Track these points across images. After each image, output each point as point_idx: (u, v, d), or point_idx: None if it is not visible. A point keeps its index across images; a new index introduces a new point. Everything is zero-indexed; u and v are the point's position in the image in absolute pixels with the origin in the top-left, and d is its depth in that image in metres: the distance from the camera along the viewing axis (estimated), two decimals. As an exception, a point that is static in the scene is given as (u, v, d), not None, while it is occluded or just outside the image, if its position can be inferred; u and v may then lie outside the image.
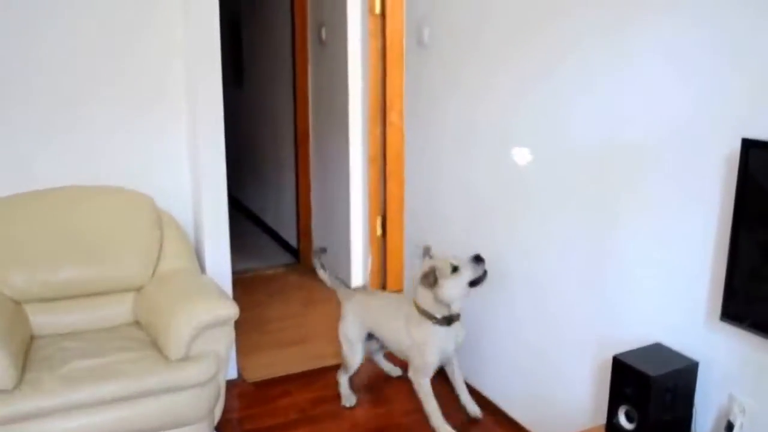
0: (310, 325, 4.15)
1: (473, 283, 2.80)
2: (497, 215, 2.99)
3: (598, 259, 2.49)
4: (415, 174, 3.66)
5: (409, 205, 3.77)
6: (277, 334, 3.99)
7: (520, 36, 2.75)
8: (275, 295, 4.61)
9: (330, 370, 3.50)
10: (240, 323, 2.91)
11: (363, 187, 4.49)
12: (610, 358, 2.18)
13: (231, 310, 2.77)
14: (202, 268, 3.29)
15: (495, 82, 2.93)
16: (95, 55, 3.09)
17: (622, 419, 2.13)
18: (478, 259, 2.80)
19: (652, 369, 2.05)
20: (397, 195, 4.23)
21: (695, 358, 2.12)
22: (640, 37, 2.21)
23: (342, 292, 3.28)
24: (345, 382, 3.26)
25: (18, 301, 2.84)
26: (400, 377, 3.40)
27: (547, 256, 2.74)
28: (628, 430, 2.12)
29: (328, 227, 4.87)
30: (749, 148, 1.82)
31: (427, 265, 2.85)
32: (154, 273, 3.05)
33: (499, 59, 2.89)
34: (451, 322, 2.87)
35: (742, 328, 1.93)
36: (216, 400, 2.80)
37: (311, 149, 5.00)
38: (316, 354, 3.73)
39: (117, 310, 3.01)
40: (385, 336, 3.10)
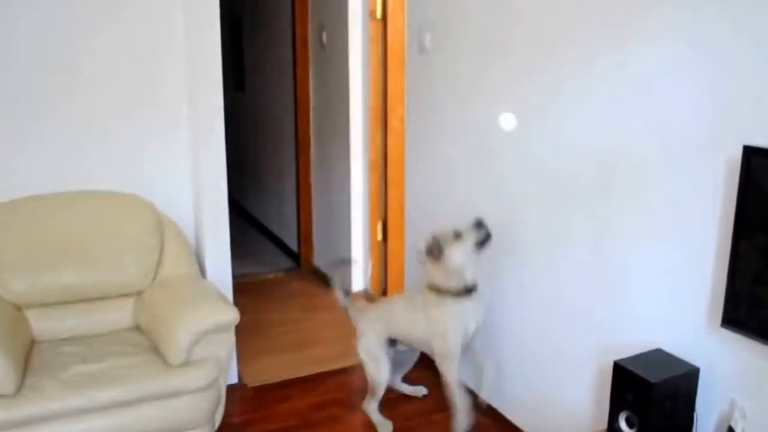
0: (310, 330, 4.14)
1: (479, 245, 2.75)
2: (497, 220, 2.99)
3: (600, 265, 2.49)
4: (416, 179, 3.66)
5: (410, 210, 3.77)
6: (277, 339, 3.98)
7: (521, 43, 2.76)
8: (276, 300, 4.61)
9: (330, 375, 3.50)
10: (240, 328, 2.91)
11: (364, 192, 4.50)
12: (611, 364, 2.18)
13: (231, 315, 2.77)
14: (203, 273, 3.29)
15: (496, 88, 2.94)
16: (95, 58, 3.10)
17: (623, 425, 2.13)
18: (480, 224, 2.76)
19: (653, 375, 2.05)
20: (397, 200, 4.22)
21: (696, 364, 2.12)
22: (641, 44, 2.21)
23: (353, 312, 3.19)
24: (375, 410, 3.08)
25: (19, 306, 2.85)
26: (425, 396, 3.34)
27: (547, 262, 2.75)
28: (629, 436, 2.12)
29: (329, 232, 4.87)
30: (751, 155, 1.83)
31: (429, 239, 2.79)
32: (154, 278, 3.06)
33: (501, 65, 2.89)
34: (469, 292, 2.79)
35: (743, 334, 1.93)
36: (216, 405, 2.80)
37: (312, 153, 5.01)
38: (316, 359, 3.73)
39: (117, 315, 3.01)
40: (407, 331, 2.97)
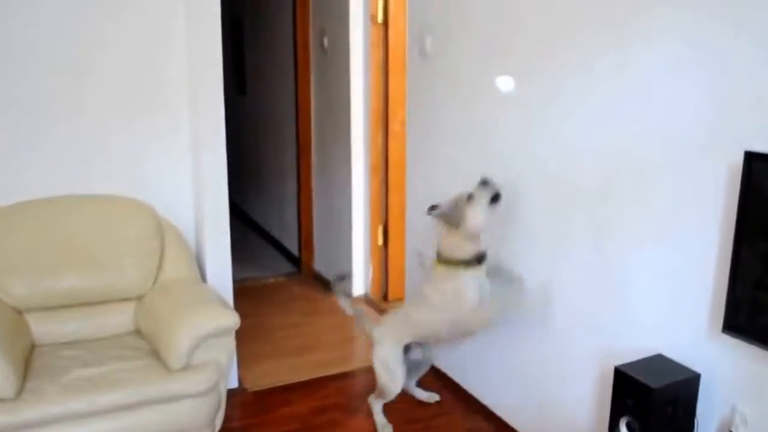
0: (311, 334, 4.14)
1: (492, 201, 2.72)
2: (498, 224, 2.99)
3: (600, 268, 2.49)
4: (417, 183, 3.66)
5: (411, 214, 3.77)
6: (278, 344, 3.98)
7: (522, 45, 2.76)
8: (276, 305, 4.60)
9: (331, 380, 3.50)
10: (241, 332, 2.90)
11: (364, 196, 4.50)
12: (612, 369, 2.18)
13: (232, 320, 2.77)
14: (203, 277, 3.29)
15: (497, 92, 2.94)
16: (96, 62, 3.10)
17: (624, 430, 2.13)
18: (485, 182, 2.74)
19: (653, 380, 2.05)
20: (398, 204, 4.22)
21: (697, 370, 2.12)
22: (641, 45, 2.22)
23: (366, 324, 3.14)
24: (380, 410, 3.09)
25: (19, 310, 2.85)
26: (438, 402, 3.32)
27: (548, 267, 2.74)
28: (630, 441, 2.12)
29: (329, 236, 4.87)
30: (752, 160, 1.83)
31: (442, 208, 2.76)
32: (155, 282, 3.06)
33: (502, 68, 2.89)
34: (481, 260, 2.77)
35: (744, 340, 1.93)
36: (217, 410, 2.80)
37: (313, 157, 5.01)
38: (317, 363, 3.73)
39: (118, 319, 3.01)
40: (428, 324, 2.90)
